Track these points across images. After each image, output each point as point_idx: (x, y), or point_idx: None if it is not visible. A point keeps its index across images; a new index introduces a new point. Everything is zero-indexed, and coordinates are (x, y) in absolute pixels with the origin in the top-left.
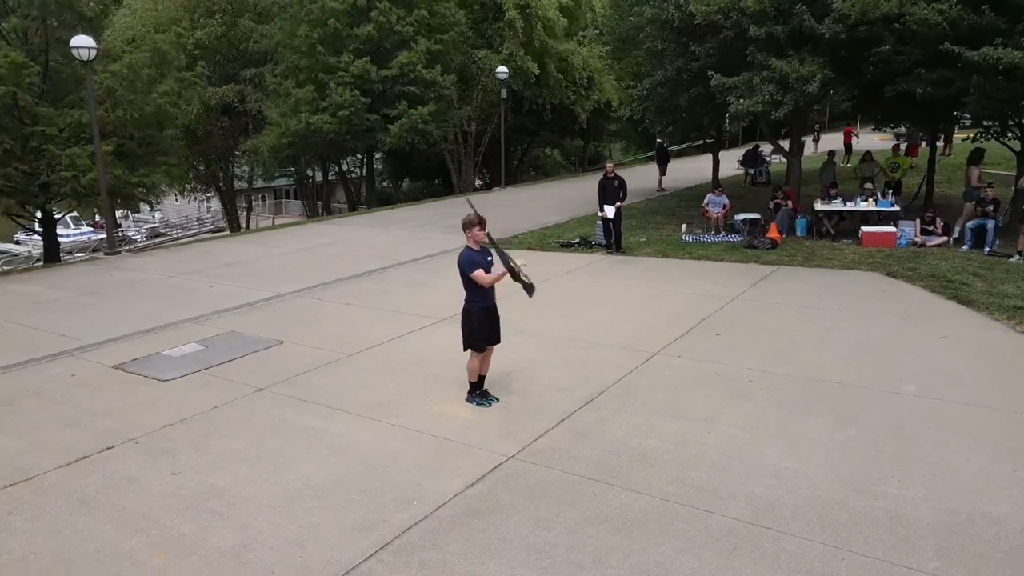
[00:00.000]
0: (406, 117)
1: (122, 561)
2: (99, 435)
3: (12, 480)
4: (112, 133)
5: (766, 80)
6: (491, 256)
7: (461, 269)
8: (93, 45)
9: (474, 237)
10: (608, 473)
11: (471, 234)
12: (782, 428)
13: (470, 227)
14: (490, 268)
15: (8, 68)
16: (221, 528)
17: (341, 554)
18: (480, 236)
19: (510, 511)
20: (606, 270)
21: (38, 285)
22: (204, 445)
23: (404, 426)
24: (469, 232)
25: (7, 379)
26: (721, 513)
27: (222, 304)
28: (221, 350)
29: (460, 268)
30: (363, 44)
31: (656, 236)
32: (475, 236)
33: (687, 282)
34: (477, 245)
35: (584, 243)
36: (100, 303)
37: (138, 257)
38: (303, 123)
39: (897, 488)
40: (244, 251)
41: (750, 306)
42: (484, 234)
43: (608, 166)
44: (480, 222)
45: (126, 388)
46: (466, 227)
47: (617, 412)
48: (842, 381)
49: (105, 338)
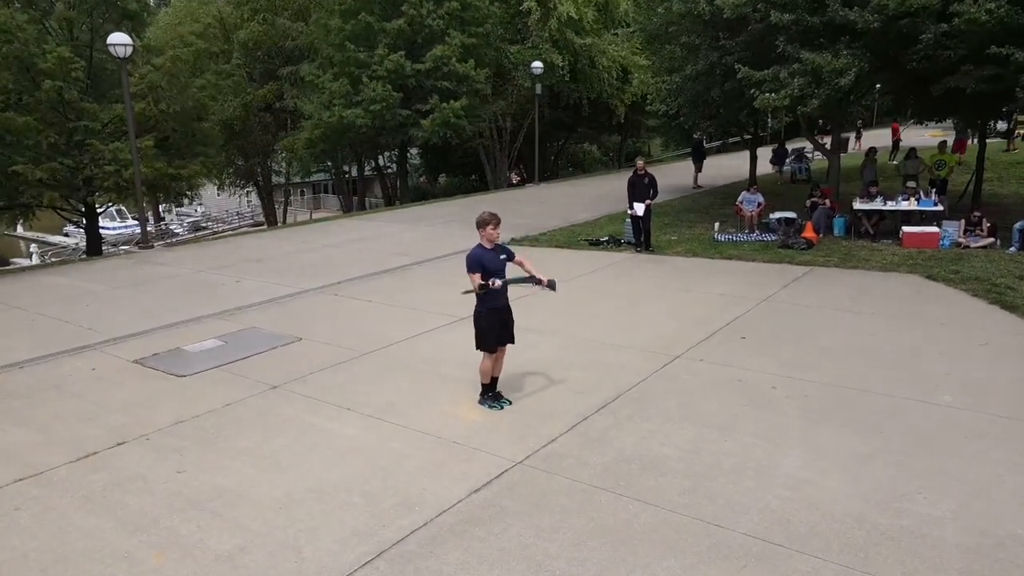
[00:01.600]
0: (438, 111)
1: (119, 561)
2: (111, 431)
3: (23, 475)
4: (154, 127)
5: (796, 73)
6: (504, 255)
7: (467, 267)
8: (129, 42)
9: (487, 236)
10: (617, 482)
11: (484, 232)
12: (803, 438)
13: (483, 226)
14: (502, 267)
15: (55, 63)
16: (220, 530)
17: (337, 560)
18: (493, 235)
19: (512, 520)
20: (633, 269)
21: (72, 278)
22: (213, 443)
23: (412, 428)
24: (482, 231)
25: (31, 372)
26: (733, 528)
27: (246, 300)
28: (240, 346)
29: (466, 266)
30: (395, 39)
31: (687, 235)
32: (488, 235)
33: (716, 283)
34: (490, 244)
35: (613, 241)
36: (129, 297)
37: (171, 251)
38: (336, 116)
39: (923, 506)
40: (274, 246)
41: (779, 309)
42: (496, 233)
43: (639, 163)
44: (493, 221)
45: (143, 383)
46: (479, 226)
47: (631, 418)
48: (871, 389)
49: (129, 332)
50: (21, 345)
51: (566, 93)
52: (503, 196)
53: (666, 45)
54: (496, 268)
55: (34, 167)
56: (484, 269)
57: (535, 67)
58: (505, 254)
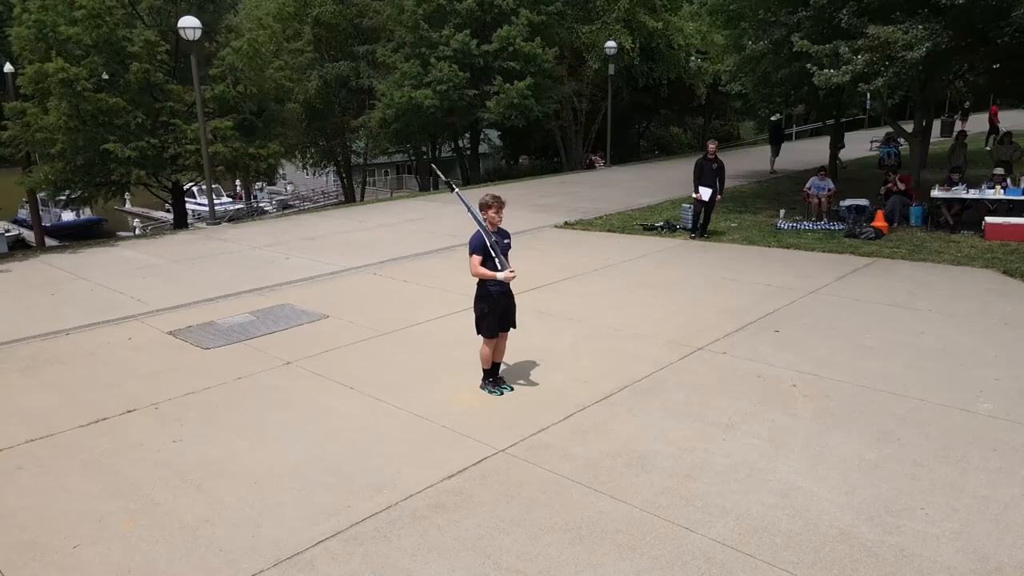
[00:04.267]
0: (503, 92)
1: (92, 524)
2: (126, 398)
3: (35, 436)
4: (233, 108)
5: (861, 49)
6: (508, 239)
7: (469, 248)
8: (198, 25)
9: (488, 219)
10: (596, 476)
11: (486, 216)
12: (809, 441)
13: (484, 209)
14: (505, 252)
15: (143, 46)
16: (193, 500)
17: (291, 537)
18: (495, 219)
19: (476, 509)
20: (681, 256)
21: (139, 252)
22: (214, 415)
23: (407, 409)
24: (484, 214)
25: (75, 339)
26: (703, 532)
27: (289, 276)
28: (269, 322)
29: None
30: (465, 18)
31: (749, 221)
32: (489, 218)
33: (764, 273)
34: (492, 227)
35: (668, 227)
36: (184, 271)
37: (235, 228)
38: (406, 97)
39: (921, 523)
40: (331, 225)
41: (826, 302)
42: (499, 217)
43: (710, 147)
44: (496, 204)
45: (169, 354)
46: (481, 208)
47: (632, 410)
48: (903, 392)
49: (173, 304)
50: (75, 313)
51: (645, 74)
52: (569, 179)
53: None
54: (499, 251)
55: (123, 145)
56: (487, 251)
57: (608, 47)
58: (508, 239)
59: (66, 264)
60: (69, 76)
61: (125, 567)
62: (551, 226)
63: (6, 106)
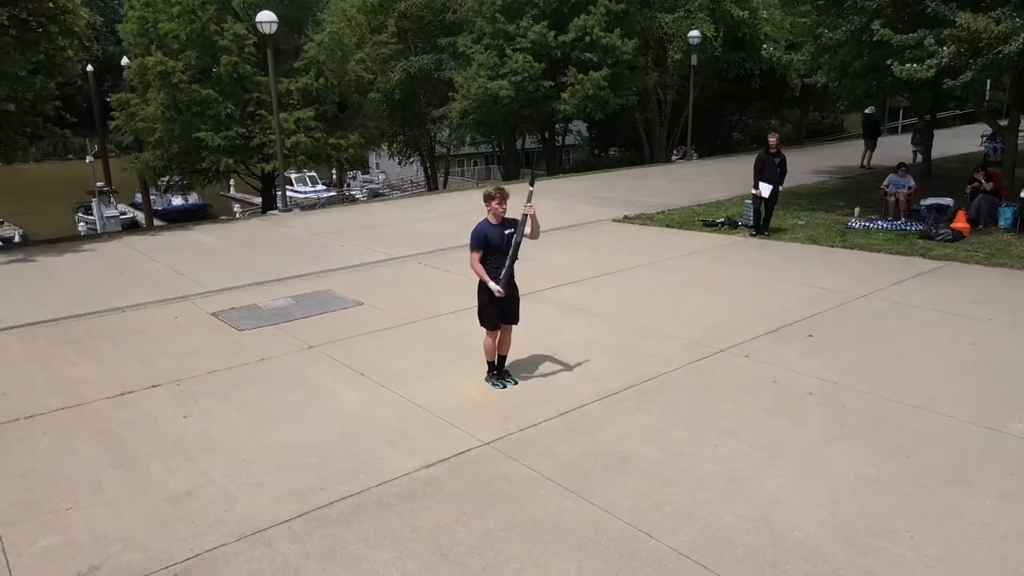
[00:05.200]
0: (579, 84)
1: (89, 489)
2: (155, 373)
3: (67, 404)
4: (316, 100)
5: (948, 39)
6: (510, 229)
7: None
8: (274, 19)
9: (492, 211)
10: (571, 475)
11: (489, 207)
12: (808, 452)
13: (488, 200)
14: (506, 242)
15: (232, 40)
16: (184, 473)
17: (260, 514)
18: (498, 210)
19: (443, 500)
20: (734, 255)
21: (211, 236)
22: (227, 394)
23: (408, 398)
24: (488, 205)
25: (128, 316)
26: (662, 539)
27: (338, 263)
28: (306, 306)
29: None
30: (541, 10)
31: (819, 219)
32: (492, 210)
33: (819, 273)
34: (496, 219)
35: (729, 223)
36: (244, 255)
37: (304, 215)
38: (482, 88)
39: (903, 547)
40: (395, 214)
41: (875, 306)
42: (503, 208)
43: (771, 140)
44: (499, 195)
45: (207, 334)
46: (485, 200)
47: (631, 410)
48: (930, 407)
49: (225, 286)
50: (135, 292)
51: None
52: (646, 172)
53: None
54: (499, 243)
55: (214, 134)
56: (487, 246)
57: (692, 36)
58: (511, 228)
59: (143, 246)
60: (166, 69)
61: (103, 531)
62: (609, 220)
63: (113, 97)
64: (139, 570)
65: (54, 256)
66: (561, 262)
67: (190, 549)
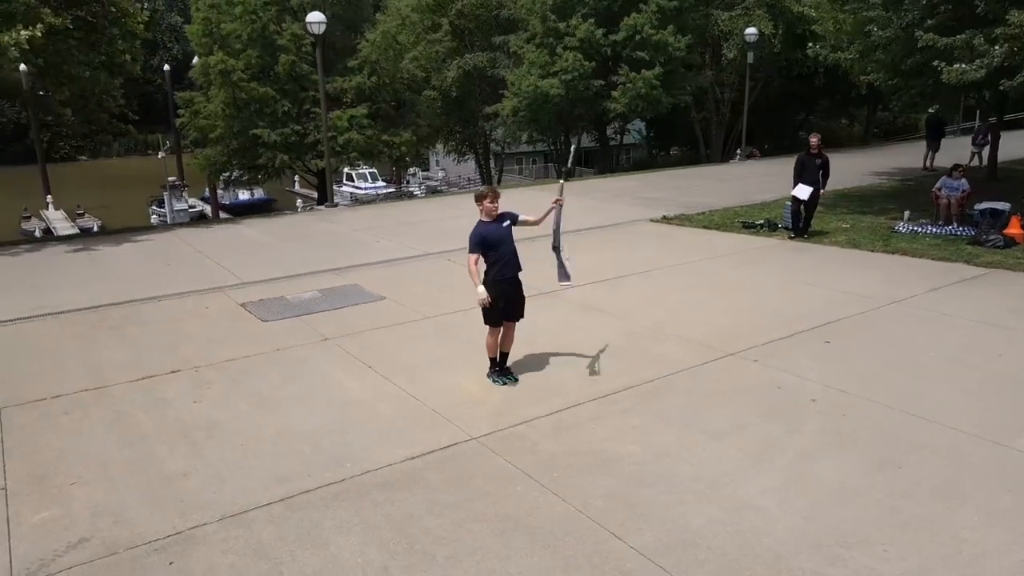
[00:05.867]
0: (631, 83)
1: (96, 467)
2: (177, 360)
3: (92, 386)
4: (368, 98)
5: (1000, 38)
6: (507, 221)
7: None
8: (323, 19)
9: (485, 210)
10: (550, 473)
11: (482, 207)
12: (796, 460)
13: (479, 200)
14: (507, 234)
15: (290, 39)
16: (184, 455)
17: (245, 498)
18: (491, 208)
19: (421, 491)
20: (767, 257)
21: (257, 230)
22: (239, 382)
23: (408, 391)
24: (480, 205)
25: (164, 305)
26: (628, 540)
27: (371, 258)
28: (331, 300)
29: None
30: (592, 8)
31: (866, 222)
32: (485, 209)
33: (852, 279)
34: (488, 217)
35: (769, 225)
36: (284, 249)
37: (349, 211)
38: (532, 86)
39: (875, 558)
40: (434, 211)
41: (904, 314)
42: (495, 207)
43: (812, 141)
44: (491, 194)
45: (232, 324)
46: (476, 200)
47: (625, 411)
48: (935, 417)
49: (259, 279)
50: (176, 282)
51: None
52: (698, 171)
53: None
54: (499, 238)
55: (270, 131)
56: (486, 245)
57: (749, 33)
58: (508, 220)
59: (193, 239)
60: (226, 67)
61: (100, 507)
62: (647, 220)
63: (178, 95)
64: (124, 544)
65: (112, 246)
66: (588, 261)
67: (173, 527)
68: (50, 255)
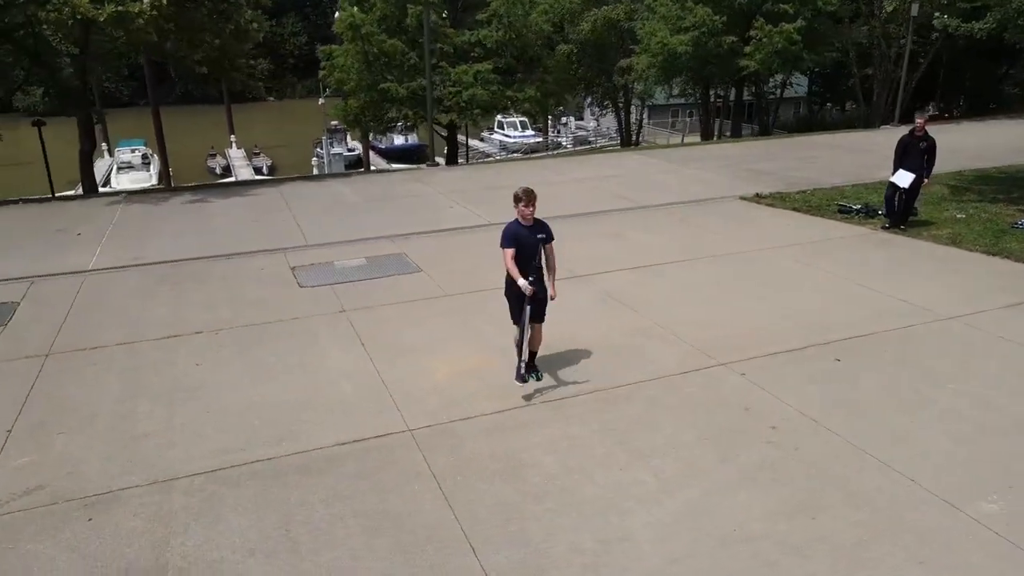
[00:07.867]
0: (766, 37)
1: (86, 418)
2: (207, 321)
3: (124, 340)
4: (496, 53)
5: None
6: (542, 235)
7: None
8: None
9: (520, 213)
10: (454, 476)
11: (517, 210)
12: (706, 494)
13: (515, 203)
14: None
15: None
16: (161, 416)
17: (182, 466)
18: (525, 212)
19: (328, 479)
20: (841, 250)
21: (349, 188)
22: (247, 347)
23: (382, 373)
24: (516, 207)
25: (226, 264)
26: (480, 557)
27: (434, 226)
28: (372, 269)
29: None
30: None
31: (987, 213)
32: (520, 212)
33: (919, 284)
34: (525, 220)
35: (866, 211)
36: (363, 210)
37: (444, 171)
38: (660, 43)
39: None
40: (524, 176)
41: (951, 333)
42: (529, 211)
43: (918, 121)
44: (526, 198)
45: (272, 287)
46: (514, 202)
47: (569, 418)
48: (897, 467)
49: (324, 241)
50: (251, 241)
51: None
52: (826, 140)
53: None
54: (530, 245)
55: (398, 85)
56: (518, 244)
57: None
58: (544, 234)
59: (290, 195)
60: (355, 22)
61: (67, 458)
62: (736, 197)
63: (319, 49)
64: (65, 496)
65: (222, 199)
66: (641, 242)
67: (109, 485)
68: (172, 205)
